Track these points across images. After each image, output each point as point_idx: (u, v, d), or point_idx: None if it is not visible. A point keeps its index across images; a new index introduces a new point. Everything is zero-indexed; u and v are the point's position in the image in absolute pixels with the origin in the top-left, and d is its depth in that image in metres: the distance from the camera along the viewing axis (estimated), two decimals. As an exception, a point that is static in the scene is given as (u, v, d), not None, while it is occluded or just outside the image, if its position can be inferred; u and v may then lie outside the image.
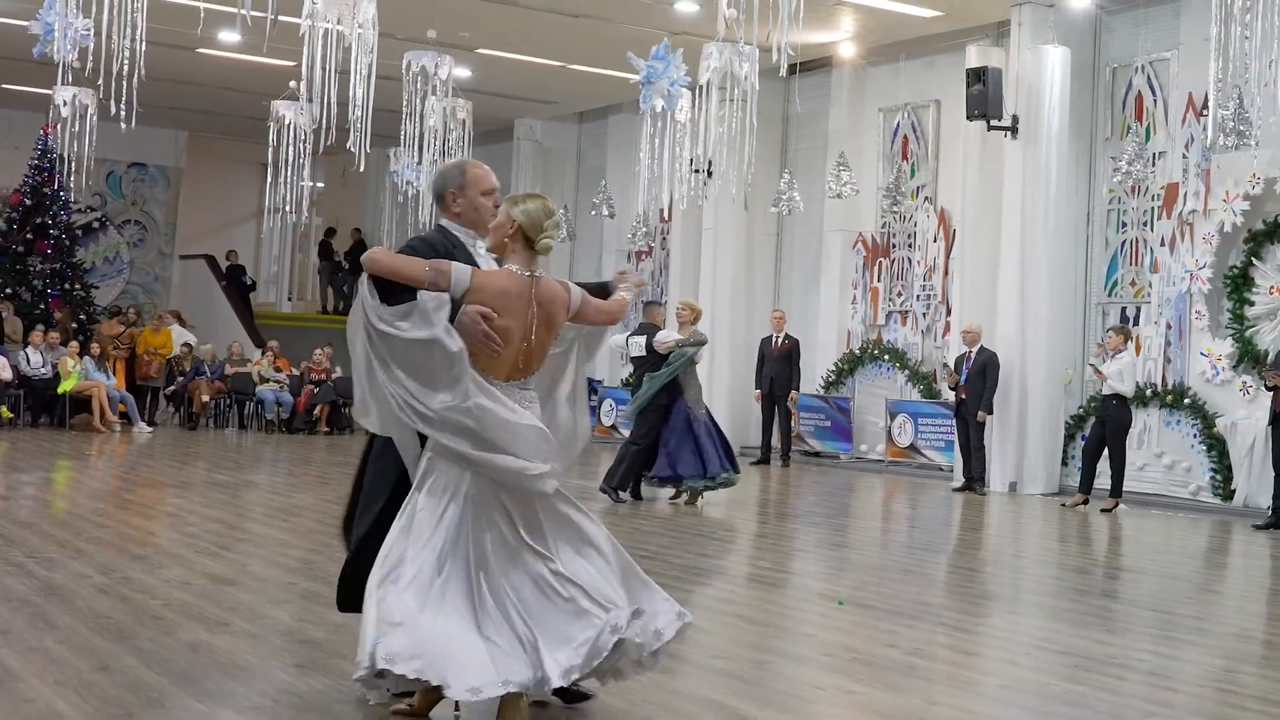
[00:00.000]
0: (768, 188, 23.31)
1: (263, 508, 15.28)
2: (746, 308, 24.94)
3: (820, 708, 7.20)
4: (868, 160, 23.88)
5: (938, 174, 22.96)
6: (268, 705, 6.65)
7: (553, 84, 27.46)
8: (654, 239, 28.25)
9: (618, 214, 27.51)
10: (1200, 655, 8.88)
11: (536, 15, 22.11)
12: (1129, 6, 19.97)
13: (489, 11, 22.08)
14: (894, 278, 23.65)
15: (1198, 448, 18.55)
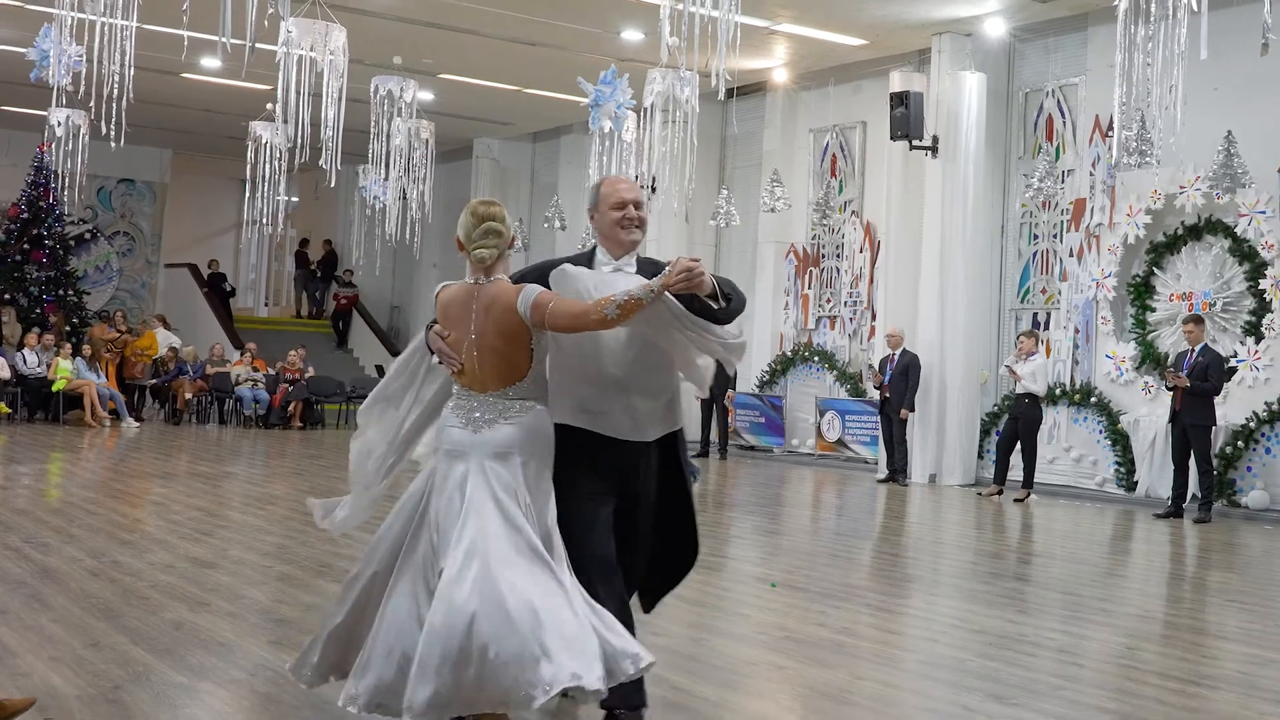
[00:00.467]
0: (707, 202, 23.32)
1: (241, 497, 15.23)
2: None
3: (754, 682, 7.17)
4: (799, 177, 23.86)
5: (864, 190, 22.95)
6: (245, 679, 6.71)
7: (509, 106, 27.51)
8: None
9: (569, 226, 27.54)
10: (1105, 634, 8.84)
11: (494, 43, 22.18)
12: (1040, 35, 19.99)
13: (450, 39, 22.16)
14: (823, 285, 23.62)
15: (1103, 443, 18.57)
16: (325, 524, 6.50)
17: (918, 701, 6.86)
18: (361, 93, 19.78)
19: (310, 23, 16.27)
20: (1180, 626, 9.38)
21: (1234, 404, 16.70)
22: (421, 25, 21.32)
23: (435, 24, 21.25)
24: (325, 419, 28.50)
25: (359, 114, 19.96)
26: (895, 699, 6.90)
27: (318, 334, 35.16)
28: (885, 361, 20.01)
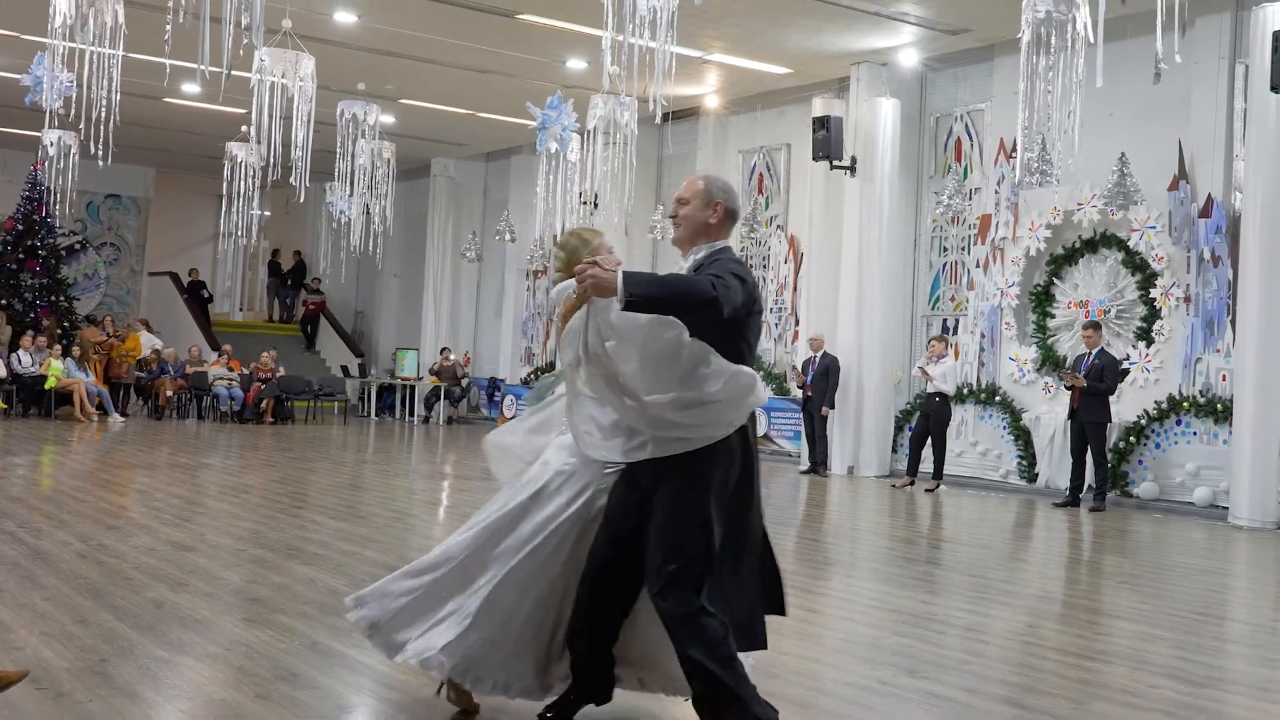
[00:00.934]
0: (645, 217, 23.38)
1: (217, 486, 15.13)
2: (628, 318, 24.89)
3: None
4: (730, 194, 23.83)
5: (788, 206, 22.98)
6: (220, 653, 6.69)
7: (463, 129, 27.53)
8: (548, 260, 28.24)
9: (518, 238, 27.58)
10: (1008, 613, 8.87)
11: (450, 71, 22.24)
12: (950, 65, 20.05)
13: (410, 68, 22.19)
14: (752, 294, 23.61)
15: (1007, 438, 18.64)
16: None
17: (836, 675, 6.86)
18: (329, 116, 19.69)
19: (282, 52, 16.23)
20: (1077, 606, 9.41)
21: (1127, 403, 16.80)
22: (384, 54, 21.28)
23: (396, 53, 21.22)
24: (295, 415, 28.48)
25: (326, 135, 19.88)
26: (816, 673, 6.89)
27: (288, 337, 35.04)
28: (808, 363, 20.04)
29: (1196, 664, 7.43)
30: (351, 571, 9.26)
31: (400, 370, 31.34)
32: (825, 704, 6.24)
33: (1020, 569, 11.70)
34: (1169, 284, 16.94)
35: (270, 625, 7.36)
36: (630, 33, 11.81)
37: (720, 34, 19.20)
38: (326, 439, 23.65)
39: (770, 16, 18.26)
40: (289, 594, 8.32)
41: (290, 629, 7.29)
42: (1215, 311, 16.46)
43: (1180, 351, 16.80)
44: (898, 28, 18.55)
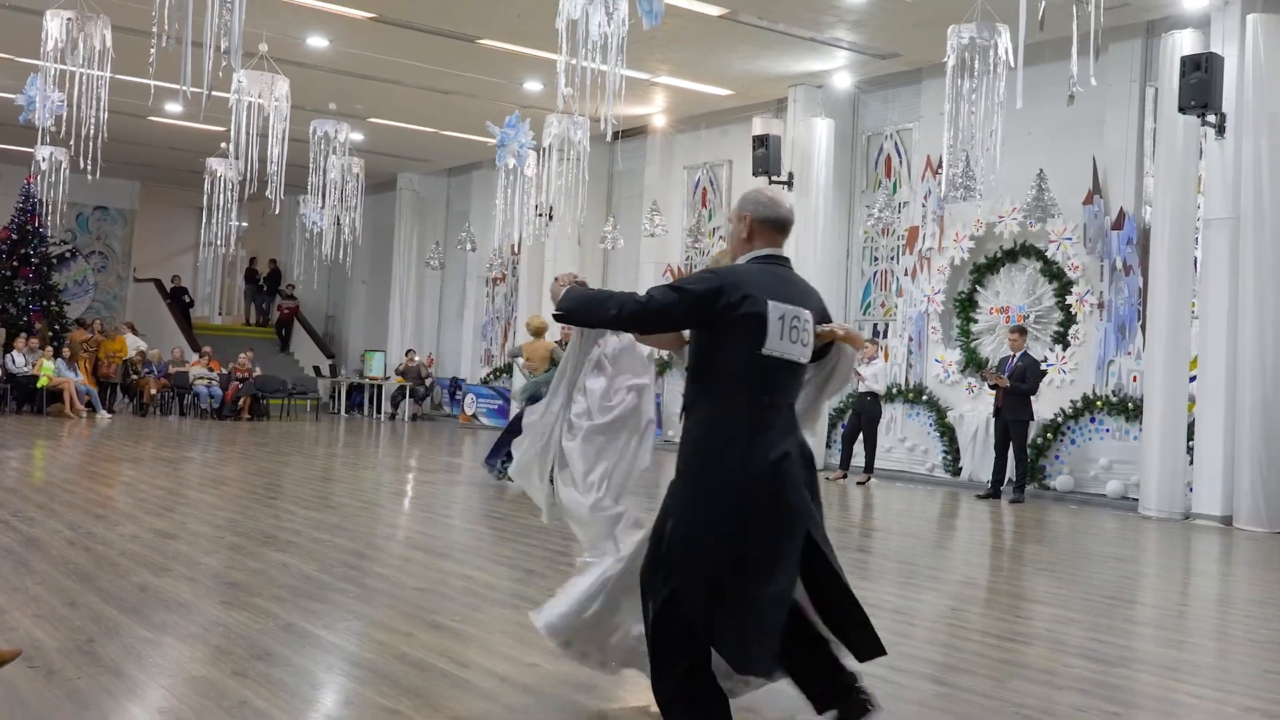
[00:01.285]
0: (596, 229, 23.41)
1: (198, 478, 15.03)
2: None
3: None
4: (675, 207, 23.90)
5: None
6: (200, 633, 6.68)
7: (428, 146, 27.46)
8: (507, 268, 28.38)
9: (478, 248, 27.54)
10: (934, 598, 8.92)
11: (416, 91, 22.24)
12: (881, 87, 20.14)
13: (378, 89, 22.18)
14: (697, 300, 23.64)
15: (933, 434, 18.75)
16: None
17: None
18: (302, 134, 19.62)
19: (259, 74, 16.21)
20: (998, 591, 9.49)
21: (1045, 402, 16.91)
22: (354, 76, 21.24)
23: (365, 75, 21.17)
24: (270, 412, 28.48)
25: (300, 152, 19.80)
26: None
27: (264, 339, 34.83)
28: (750, 365, 20.07)
29: (1109, 645, 7.49)
30: (323, 557, 9.25)
31: (368, 370, 31.32)
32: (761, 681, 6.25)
33: (945, 556, 11.76)
34: (1084, 291, 17.08)
35: (247, 607, 7.34)
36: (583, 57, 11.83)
37: (667, 58, 19.24)
38: (299, 434, 23.53)
39: (713, 42, 18.31)
40: (264, 578, 8.29)
41: (266, 611, 7.27)
42: (1126, 317, 16.61)
43: (1094, 354, 16.95)
44: (832, 52, 18.63)
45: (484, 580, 8.70)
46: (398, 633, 6.90)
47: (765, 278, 4.95)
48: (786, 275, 5.08)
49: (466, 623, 7.22)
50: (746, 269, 5.03)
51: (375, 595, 7.95)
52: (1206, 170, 15.18)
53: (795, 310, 4.89)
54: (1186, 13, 15.58)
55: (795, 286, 5.03)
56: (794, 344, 4.87)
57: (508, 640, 6.85)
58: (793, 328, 4.86)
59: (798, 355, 4.89)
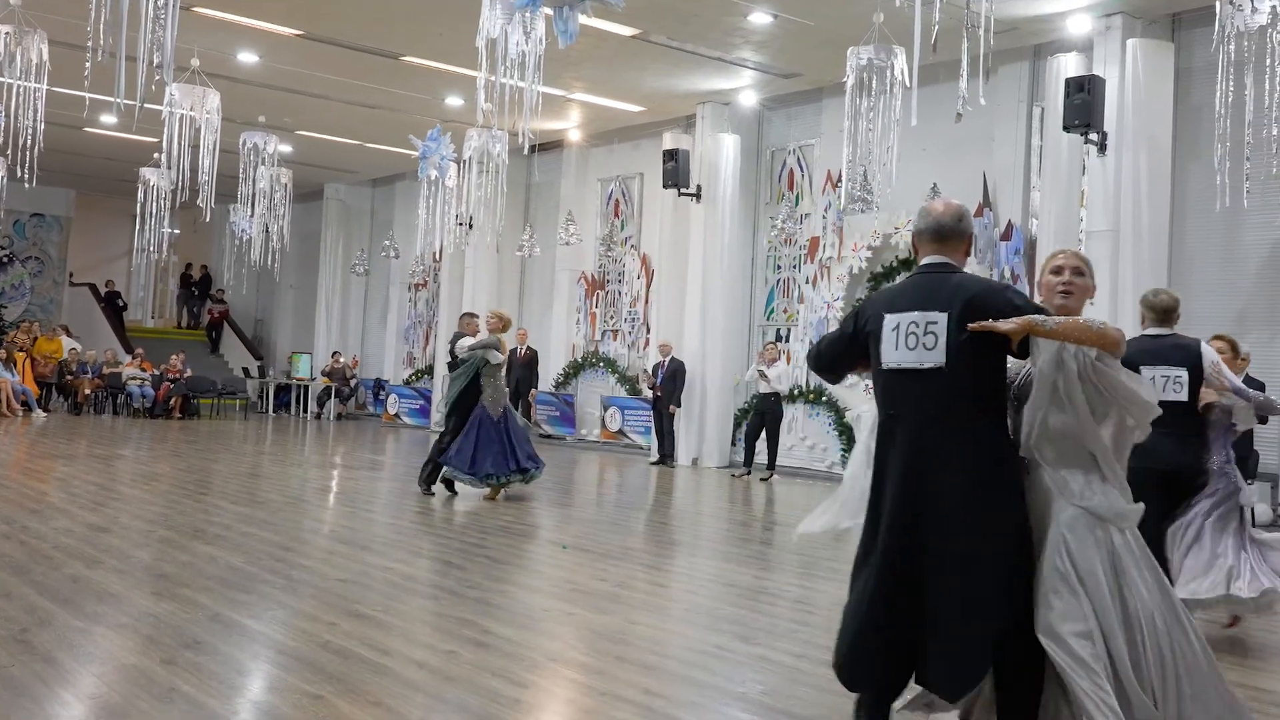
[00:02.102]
0: (514, 238, 23.33)
1: (130, 474, 14.86)
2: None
3: (548, 626, 7.14)
4: (589, 217, 23.89)
5: (641, 228, 23.04)
6: (131, 623, 6.65)
7: (353, 157, 27.30)
8: (428, 275, 28.30)
9: (401, 255, 27.42)
10: (833, 587, 8.92)
11: (341, 105, 22.06)
12: (784, 105, 20.24)
13: (305, 103, 22.00)
14: (608, 305, 23.69)
15: (832, 433, 18.90)
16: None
17: (680, 641, 6.93)
18: (232, 145, 19.39)
19: (190, 87, 16.02)
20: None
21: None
22: (282, 90, 21.05)
23: (293, 90, 21.00)
24: (200, 411, 28.23)
25: (230, 162, 19.58)
26: (662, 639, 6.96)
27: (195, 342, 34.39)
28: (657, 366, 20.15)
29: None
30: (250, 550, 9.20)
31: (295, 371, 31.08)
32: (670, 666, 6.30)
33: (844, 549, 11.82)
34: (972, 300, 17.27)
35: (176, 598, 7.31)
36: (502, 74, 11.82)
37: (582, 76, 19.25)
38: (229, 433, 23.27)
39: (626, 61, 18.35)
40: (193, 570, 8.24)
41: (194, 601, 7.24)
42: (1013, 323, 16.81)
43: (982, 358, 17.13)
44: (738, 72, 18.72)
45: (404, 571, 8.68)
46: (321, 622, 6.87)
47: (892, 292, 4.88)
48: (919, 282, 4.79)
49: (388, 612, 7.20)
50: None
51: (300, 586, 7.92)
52: (1089, 185, 15.40)
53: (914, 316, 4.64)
54: (1071, 37, 15.81)
55: (923, 291, 4.71)
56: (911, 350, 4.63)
57: (427, 629, 6.87)
58: (910, 334, 4.63)
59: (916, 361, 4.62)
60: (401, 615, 7.17)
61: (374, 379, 29.99)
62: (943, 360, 4.55)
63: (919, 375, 4.61)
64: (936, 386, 4.57)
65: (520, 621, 7.19)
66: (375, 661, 6.05)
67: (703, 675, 6.14)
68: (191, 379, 27.90)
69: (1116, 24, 15.14)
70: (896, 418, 4.69)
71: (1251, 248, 14.69)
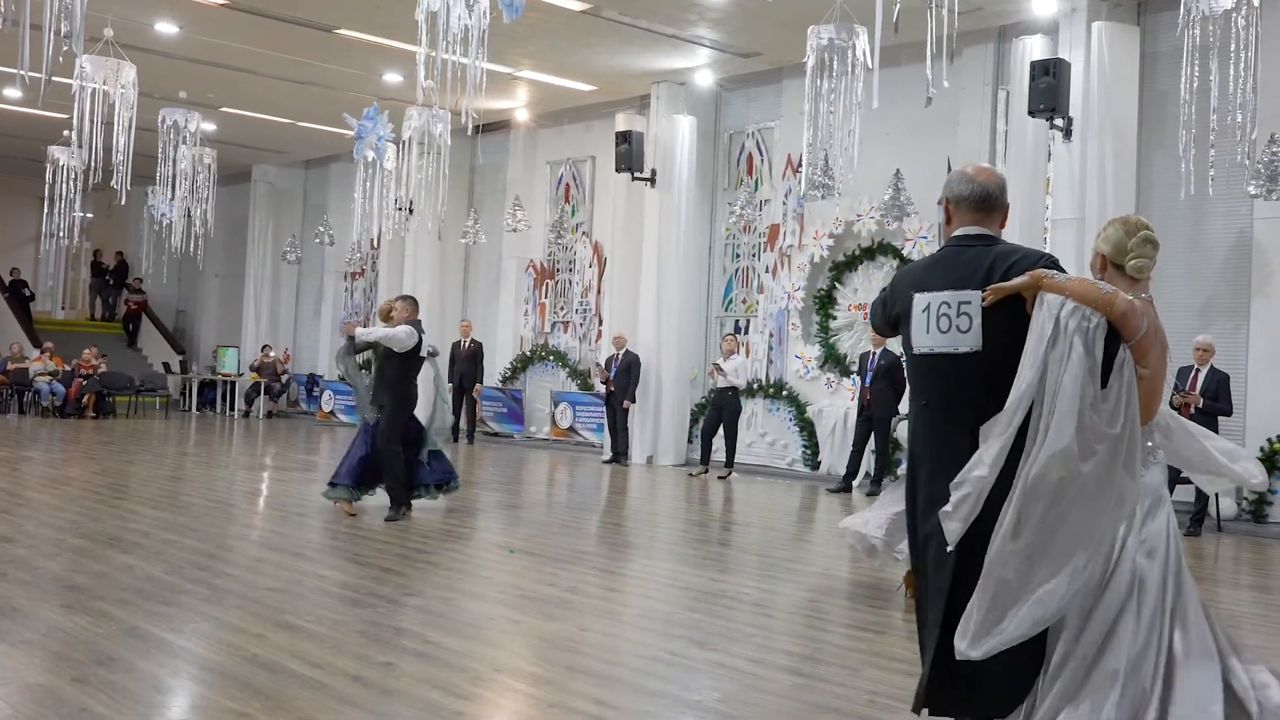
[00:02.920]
0: (458, 224, 23.18)
1: (38, 478, 14.63)
2: (440, 318, 24.60)
3: (494, 634, 7.11)
4: (538, 202, 23.82)
5: (593, 214, 23.01)
6: (37, 639, 6.52)
7: (283, 137, 27.09)
8: (366, 263, 28.13)
9: (337, 242, 27.20)
10: (792, 589, 8.98)
11: (270, 81, 21.84)
12: (742, 86, 20.26)
13: (231, 77, 21.75)
14: (558, 295, 23.63)
15: (792, 429, 18.92)
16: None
17: (633, 649, 6.89)
18: (150, 122, 19.22)
19: (103, 59, 15.86)
20: (855, 582, 9.56)
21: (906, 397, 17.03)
22: (205, 64, 20.82)
23: (217, 63, 20.77)
24: (116, 410, 27.83)
25: (148, 141, 19.41)
26: (615, 647, 6.93)
27: (110, 335, 34.09)
28: (610, 360, 20.11)
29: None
30: (170, 558, 9.09)
31: (221, 367, 30.79)
32: (622, 675, 6.26)
33: (804, 549, 11.86)
34: (939, 289, 17.34)
35: (88, 611, 7.20)
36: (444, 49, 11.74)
37: (529, 52, 19.16)
38: (148, 432, 23.10)
39: (577, 37, 18.28)
40: (108, 581, 8.13)
41: (108, 615, 7.13)
42: (980, 314, 16.89)
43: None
44: (694, 50, 18.69)
45: (339, 579, 8.62)
46: (248, 634, 6.79)
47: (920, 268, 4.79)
48: (951, 256, 4.69)
49: (320, 623, 7.14)
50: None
51: (225, 596, 7.84)
52: (1054, 171, 15.49)
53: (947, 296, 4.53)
54: (1036, 19, 15.92)
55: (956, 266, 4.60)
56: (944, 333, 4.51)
57: (363, 640, 6.79)
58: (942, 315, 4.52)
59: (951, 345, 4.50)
60: (335, 626, 7.10)
61: (307, 374, 29.82)
62: (979, 344, 4.46)
63: (953, 360, 4.51)
64: (970, 371, 4.47)
65: (464, 630, 7.14)
66: (307, 676, 5.96)
67: (657, 684, 6.10)
68: (106, 375, 27.62)
69: (1082, 6, 15.30)
70: (929, 407, 4.58)
71: (1218, 236, 14.83)
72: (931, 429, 4.57)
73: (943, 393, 4.52)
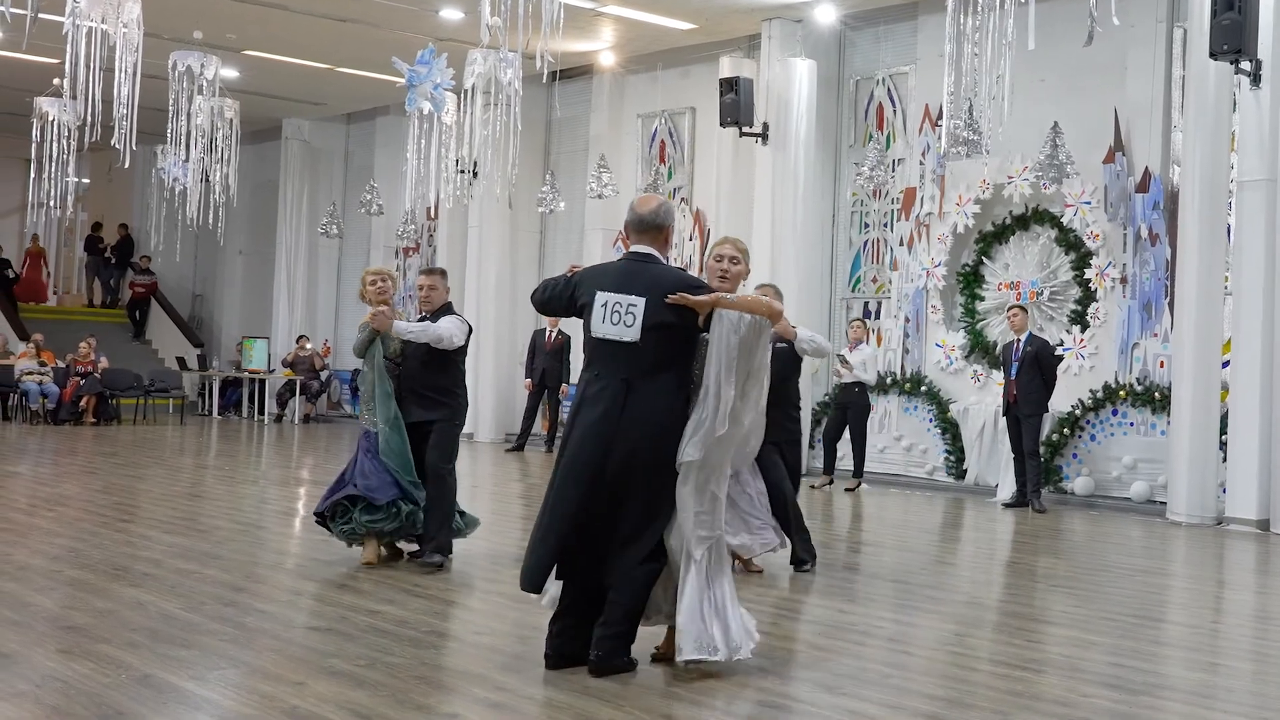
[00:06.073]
0: (531, 189, 23.33)
1: (27, 497, 14.81)
2: (510, 303, 24.88)
3: (578, 678, 7.08)
4: (627, 163, 23.94)
5: (693, 177, 23.10)
6: (31, 690, 6.51)
7: (320, 86, 27.26)
8: (421, 236, 28.12)
9: (386, 212, 27.33)
10: (934, 622, 9.08)
11: (302, 18, 21.89)
12: (870, 23, 20.29)
13: (254, 14, 21.76)
14: (651, 275, 23.70)
15: (933, 431, 18.97)
16: None
17: (746, 694, 6.97)
18: (159, 69, 19.41)
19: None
20: (1008, 612, 9.65)
21: (1059, 392, 17.02)
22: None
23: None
24: (121, 414, 27.90)
25: (156, 91, 19.58)
26: (722, 690, 6.99)
27: (112, 324, 34.34)
28: (715, 352, 20.17)
29: (1133, 670, 7.72)
30: (189, 593, 9.12)
31: (248, 362, 30.91)
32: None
33: (947, 573, 11.92)
34: (1104, 264, 17.34)
35: (92, 657, 7.20)
36: (514, -20, 11.86)
37: (616, -17, 19.27)
38: (159, 442, 23.30)
39: (672, -36, 18.34)
40: (114, 620, 8.14)
41: (116, 660, 7.15)
42: (1153, 293, 16.90)
43: (1116, 336, 17.22)
44: (814, -21, 18.76)
45: (394, 615, 8.65)
46: (285, 682, 6.85)
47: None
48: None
49: (373, 667, 7.18)
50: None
51: (257, 637, 7.91)
52: (1241, 125, 15.40)
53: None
54: (1220, -59, 15.78)
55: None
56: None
57: (424, 687, 6.87)
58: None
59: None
60: (391, 670, 7.15)
61: (351, 371, 30.07)
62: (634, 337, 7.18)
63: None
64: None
65: (541, 673, 7.19)
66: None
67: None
68: (108, 373, 27.66)
69: (1274, -76, 15.12)
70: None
71: None
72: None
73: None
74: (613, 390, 7.11)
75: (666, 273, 7.34)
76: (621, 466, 7.08)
